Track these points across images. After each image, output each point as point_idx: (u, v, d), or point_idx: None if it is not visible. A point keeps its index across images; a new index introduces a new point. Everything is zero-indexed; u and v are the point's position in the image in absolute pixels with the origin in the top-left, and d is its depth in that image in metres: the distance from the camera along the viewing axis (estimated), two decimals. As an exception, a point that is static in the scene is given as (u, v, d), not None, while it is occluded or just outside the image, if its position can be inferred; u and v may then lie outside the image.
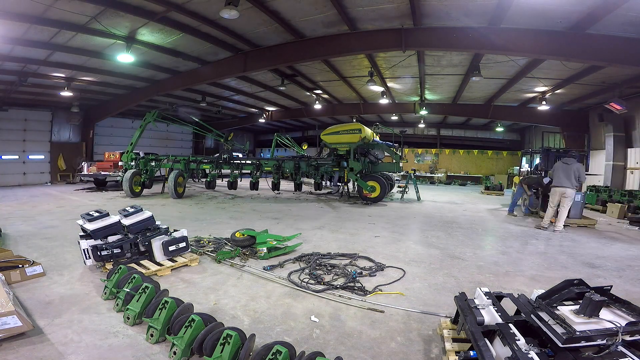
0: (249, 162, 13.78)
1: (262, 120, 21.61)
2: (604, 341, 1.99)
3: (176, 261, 4.65)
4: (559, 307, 2.25)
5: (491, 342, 2.23)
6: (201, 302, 3.57)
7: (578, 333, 1.98)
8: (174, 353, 2.58)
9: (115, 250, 4.36)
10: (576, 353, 2.01)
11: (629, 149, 12.12)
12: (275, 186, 12.90)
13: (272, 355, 2.27)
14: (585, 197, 9.36)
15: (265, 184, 13.46)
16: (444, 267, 4.90)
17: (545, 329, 2.15)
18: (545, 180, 8.73)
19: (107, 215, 4.67)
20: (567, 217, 7.75)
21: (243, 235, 5.50)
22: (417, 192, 12.95)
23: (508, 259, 5.44)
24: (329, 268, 4.59)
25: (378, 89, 13.03)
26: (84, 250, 4.25)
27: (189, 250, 4.95)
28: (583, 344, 2.00)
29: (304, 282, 4.13)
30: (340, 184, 13.48)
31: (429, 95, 15.32)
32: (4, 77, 11.78)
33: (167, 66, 11.89)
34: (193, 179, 13.63)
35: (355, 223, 8.02)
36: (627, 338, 2.03)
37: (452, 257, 5.40)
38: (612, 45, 7.35)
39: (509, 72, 10.94)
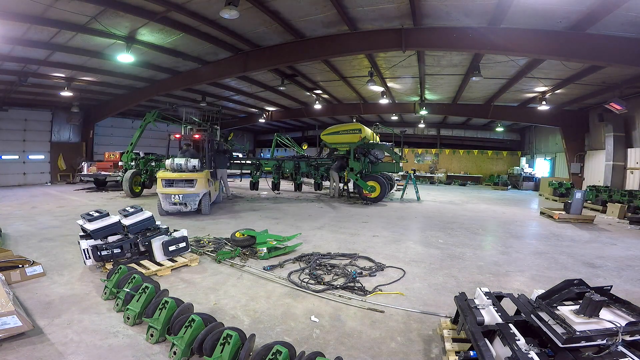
0: (249, 162, 13.80)
1: (262, 120, 21.58)
2: (604, 341, 1.99)
3: (176, 261, 4.65)
4: (559, 307, 2.25)
5: (491, 342, 2.23)
6: (201, 302, 3.57)
7: (578, 333, 1.98)
8: (174, 353, 2.58)
9: (115, 250, 4.36)
10: (576, 353, 2.01)
11: (629, 149, 12.12)
12: (275, 186, 12.91)
13: (272, 355, 2.27)
14: (586, 194, 9.64)
15: (265, 184, 13.45)
16: (444, 267, 4.90)
17: (545, 329, 2.15)
18: None
19: (107, 215, 4.67)
20: (568, 213, 7.84)
21: (243, 235, 5.50)
22: (417, 192, 12.95)
23: (508, 258, 5.44)
24: (329, 268, 4.59)
25: (378, 89, 13.01)
26: (84, 250, 4.25)
27: (189, 250, 4.96)
28: (583, 344, 2.00)
29: (304, 282, 4.13)
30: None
31: (429, 95, 15.30)
32: (4, 77, 11.77)
33: (167, 66, 11.88)
34: None
35: (355, 223, 8.02)
36: (627, 338, 2.02)
37: (452, 257, 5.40)
38: (612, 45, 7.35)
39: (509, 72, 10.93)
